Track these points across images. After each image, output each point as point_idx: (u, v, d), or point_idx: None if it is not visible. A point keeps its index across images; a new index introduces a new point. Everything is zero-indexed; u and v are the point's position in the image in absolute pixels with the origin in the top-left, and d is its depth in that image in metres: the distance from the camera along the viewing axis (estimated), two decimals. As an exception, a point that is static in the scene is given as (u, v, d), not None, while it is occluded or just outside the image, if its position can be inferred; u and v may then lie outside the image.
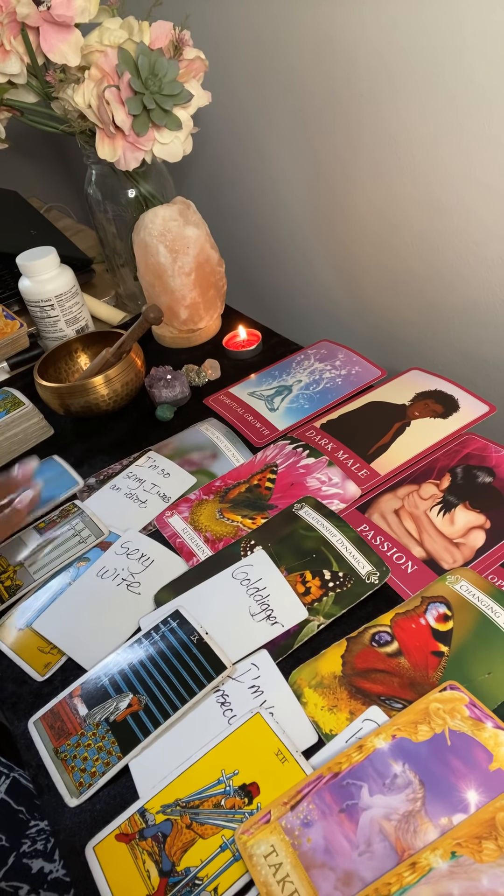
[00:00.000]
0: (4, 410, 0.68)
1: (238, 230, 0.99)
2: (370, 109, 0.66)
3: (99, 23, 0.65)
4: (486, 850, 0.34)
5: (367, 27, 0.61)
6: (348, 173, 0.74)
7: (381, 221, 0.73)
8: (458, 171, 0.61)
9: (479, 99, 0.56)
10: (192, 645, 0.46)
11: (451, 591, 0.47)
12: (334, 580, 0.49)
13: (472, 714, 0.39)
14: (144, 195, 0.79)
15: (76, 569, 0.55)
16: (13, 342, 0.80)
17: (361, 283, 0.83)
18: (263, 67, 0.76)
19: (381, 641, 0.45)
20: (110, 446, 0.69)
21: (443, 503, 0.54)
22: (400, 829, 0.35)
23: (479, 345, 0.71)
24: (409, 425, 0.63)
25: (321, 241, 0.85)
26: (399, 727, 0.39)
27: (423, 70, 0.59)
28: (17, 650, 0.50)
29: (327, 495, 0.57)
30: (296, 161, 0.80)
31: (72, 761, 0.42)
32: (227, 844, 0.37)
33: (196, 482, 0.61)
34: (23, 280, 0.76)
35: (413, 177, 0.66)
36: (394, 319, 0.81)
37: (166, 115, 0.66)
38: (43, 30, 0.64)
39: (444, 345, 0.76)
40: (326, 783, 0.38)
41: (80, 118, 0.69)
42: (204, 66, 0.69)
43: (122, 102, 0.64)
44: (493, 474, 0.56)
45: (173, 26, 0.65)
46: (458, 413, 0.63)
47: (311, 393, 0.70)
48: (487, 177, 0.59)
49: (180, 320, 0.78)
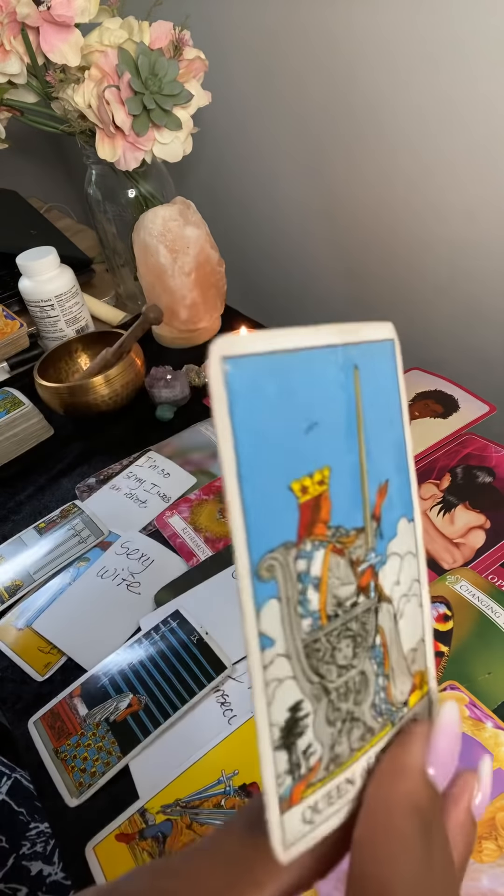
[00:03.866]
0: (4, 410, 0.68)
1: (238, 230, 0.98)
2: (370, 110, 0.66)
3: (99, 23, 0.65)
4: (486, 850, 0.34)
5: (368, 28, 0.61)
6: (348, 173, 0.74)
7: (381, 221, 0.73)
8: (456, 172, 0.61)
9: (478, 100, 0.56)
10: (192, 645, 0.46)
11: (451, 591, 0.47)
12: (334, 580, 0.49)
13: (472, 714, 0.39)
14: (144, 195, 0.79)
15: (76, 569, 0.55)
16: (13, 342, 0.80)
17: (361, 282, 0.83)
18: (263, 67, 0.76)
19: (381, 641, 0.45)
20: (110, 446, 0.69)
21: (443, 503, 0.54)
22: (400, 829, 0.35)
23: (479, 345, 0.71)
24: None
25: (321, 241, 0.85)
26: (399, 727, 0.39)
27: (421, 70, 0.59)
28: (17, 650, 0.50)
29: (327, 495, 0.57)
30: (296, 161, 0.80)
31: (72, 761, 0.42)
32: (227, 844, 0.37)
33: (196, 482, 0.61)
34: (23, 280, 0.76)
35: (412, 177, 0.66)
36: (394, 319, 0.81)
37: (166, 115, 0.66)
38: (43, 30, 0.64)
39: (444, 345, 0.75)
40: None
41: (80, 118, 0.69)
42: (204, 66, 0.69)
43: (122, 102, 0.64)
44: (493, 474, 0.56)
45: (173, 26, 0.65)
46: (458, 413, 0.63)
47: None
48: (486, 177, 0.59)
49: (180, 320, 0.78)
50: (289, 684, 0.17)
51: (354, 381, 0.18)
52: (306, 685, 0.18)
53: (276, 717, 0.17)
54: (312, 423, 0.17)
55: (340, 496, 0.18)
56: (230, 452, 0.16)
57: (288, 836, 0.17)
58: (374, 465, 0.19)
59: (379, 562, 0.20)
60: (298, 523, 0.17)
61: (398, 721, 0.21)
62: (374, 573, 0.20)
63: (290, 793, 0.17)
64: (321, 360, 0.18)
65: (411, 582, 0.21)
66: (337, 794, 0.19)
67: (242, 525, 0.16)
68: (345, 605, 0.19)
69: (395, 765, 0.19)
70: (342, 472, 0.18)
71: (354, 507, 0.19)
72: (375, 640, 0.20)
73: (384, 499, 0.20)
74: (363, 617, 0.19)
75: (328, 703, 0.18)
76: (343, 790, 0.19)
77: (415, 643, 0.21)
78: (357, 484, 0.19)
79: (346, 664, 0.19)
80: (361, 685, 0.19)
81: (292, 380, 0.17)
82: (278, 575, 0.17)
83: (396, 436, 0.20)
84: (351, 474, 0.18)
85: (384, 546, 0.20)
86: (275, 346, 0.17)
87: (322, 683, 0.18)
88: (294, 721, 0.17)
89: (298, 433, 0.17)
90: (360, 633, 0.19)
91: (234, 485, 0.16)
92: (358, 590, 0.19)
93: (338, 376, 0.18)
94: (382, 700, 0.20)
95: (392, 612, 0.20)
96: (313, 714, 0.18)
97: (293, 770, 0.17)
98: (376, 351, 0.20)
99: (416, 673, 0.21)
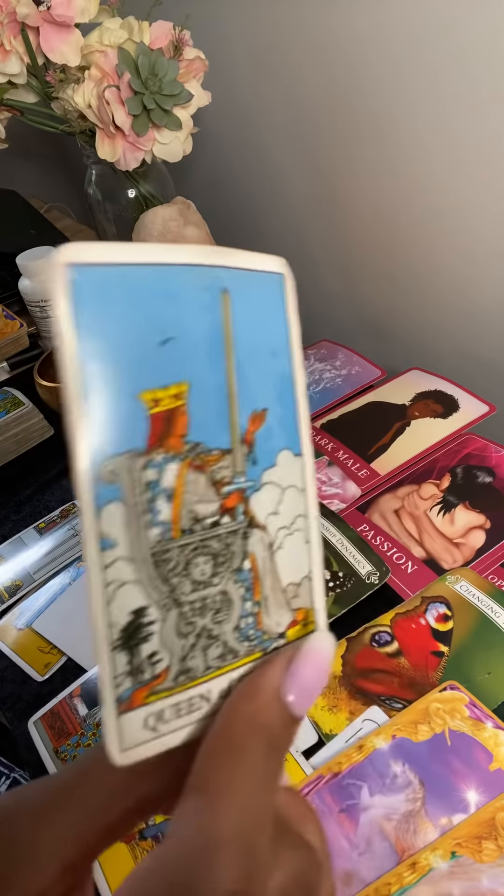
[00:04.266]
0: (4, 410, 0.68)
1: (238, 230, 0.98)
2: (370, 110, 0.66)
3: (99, 23, 0.65)
4: (486, 850, 0.34)
5: (369, 27, 0.61)
6: (348, 173, 0.74)
7: (380, 221, 0.73)
8: (455, 173, 0.61)
9: (475, 100, 0.56)
10: (192, 645, 0.46)
11: (451, 591, 0.47)
12: (334, 580, 0.49)
13: (472, 714, 0.39)
14: (144, 195, 0.79)
15: (76, 569, 0.55)
16: (13, 342, 0.80)
17: (361, 282, 0.83)
18: (263, 67, 0.76)
19: (381, 641, 0.45)
20: (110, 446, 0.69)
21: (443, 503, 0.54)
22: (400, 829, 0.35)
23: (479, 345, 0.71)
24: (409, 425, 0.63)
25: (321, 241, 0.85)
26: (399, 727, 0.39)
27: (420, 70, 0.59)
28: (17, 650, 0.50)
29: (327, 495, 0.57)
30: (295, 161, 0.80)
31: (72, 761, 0.42)
32: (227, 844, 0.37)
33: (196, 482, 0.61)
34: (23, 280, 0.76)
35: (411, 177, 0.66)
36: (394, 319, 0.81)
37: (166, 115, 0.66)
38: (43, 30, 0.64)
39: (444, 345, 0.75)
40: (326, 783, 0.38)
41: (80, 118, 0.69)
42: (204, 66, 0.69)
43: (122, 102, 0.64)
44: (493, 474, 0.56)
45: (173, 26, 0.65)
46: (458, 413, 0.63)
47: (311, 393, 0.70)
48: (485, 177, 0.59)
49: (180, 320, 0.78)
50: (132, 588, 0.17)
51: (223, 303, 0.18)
52: (153, 593, 0.18)
53: (115, 617, 0.17)
54: (168, 338, 0.17)
55: (201, 413, 0.18)
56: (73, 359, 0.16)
57: (126, 740, 0.17)
58: (248, 391, 0.19)
59: (250, 487, 0.19)
60: (149, 433, 0.17)
61: (271, 650, 0.20)
62: (244, 498, 0.19)
63: (129, 695, 0.17)
64: (179, 277, 0.17)
65: (295, 517, 0.21)
66: (188, 708, 0.19)
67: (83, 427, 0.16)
68: (203, 522, 0.19)
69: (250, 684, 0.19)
70: (204, 390, 0.18)
71: (219, 428, 0.19)
72: (243, 565, 0.20)
73: (259, 426, 0.19)
74: (227, 538, 0.19)
75: (179, 614, 0.18)
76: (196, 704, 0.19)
77: (298, 579, 0.21)
78: (223, 405, 0.18)
79: (202, 580, 0.19)
80: (223, 605, 0.19)
81: (144, 293, 0.17)
82: (123, 479, 0.17)
83: (281, 368, 0.20)
84: (216, 394, 0.18)
85: (257, 473, 0.20)
86: (126, 258, 0.17)
87: (173, 595, 0.18)
88: (137, 625, 0.17)
89: (150, 346, 0.17)
90: (223, 553, 0.19)
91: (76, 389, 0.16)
92: (221, 510, 0.19)
93: (200, 296, 0.18)
94: (250, 625, 0.20)
95: (267, 541, 0.20)
96: (161, 622, 0.18)
97: (134, 673, 0.17)
98: (258, 280, 0.19)
99: (298, 609, 0.21)
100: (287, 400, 0.20)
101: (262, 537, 0.20)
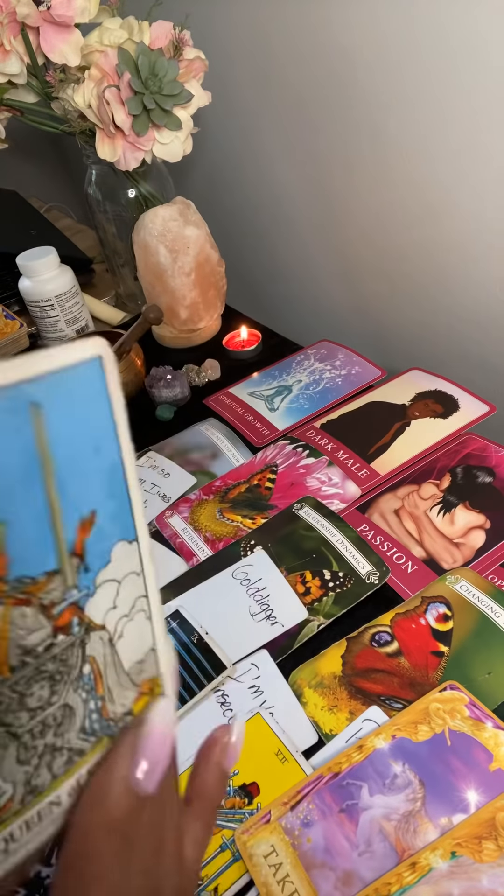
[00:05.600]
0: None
1: (238, 230, 0.99)
2: (370, 109, 0.66)
3: (99, 23, 0.65)
4: (486, 850, 0.34)
5: (367, 30, 0.61)
6: (348, 173, 0.74)
7: (380, 222, 0.73)
8: (454, 173, 0.61)
9: (472, 105, 0.56)
10: (192, 645, 0.46)
11: (451, 591, 0.47)
12: (334, 580, 0.49)
13: (472, 714, 0.39)
14: (144, 195, 0.79)
15: None
16: (13, 342, 0.80)
17: (361, 282, 0.83)
18: (263, 67, 0.76)
19: (381, 641, 0.45)
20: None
21: (443, 503, 0.54)
22: (400, 829, 0.36)
23: (478, 345, 0.71)
24: (409, 425, 0.63)
25: (321, 241, 0.85)
26: (399, 727, 0.39)
27: (419, 73, 0.59)
28: None
29: (327, 495, 0.57)
30: (295, 161, 0.80)
31: None
32: (227, 844, 0.37)
33: (196, 482, 0.61)
34: (23, 280, 0.76)
35: (412, 178, 0.66)
36: (394, 319, 0.81)
37: (166, 115, 0.66)
38: (43, 30, 0.64)
39: (444, 345, 0.76)
40: (326, 783, 0.38)
41: (80, 118, 0.69)
42: (204, 66, 0.69)
43: (122, 102, 0.64)
44: (493, 474, 0.56)
45: (173, 26, 0.65)
46: (458, 413, 0.63)
47: (311, 393, 0.70)
48: (481, 181, 0.59)
49: (180, 320, 0.78)
50: None
51: (34, 421, 0.16)
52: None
53: None
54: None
55: (21, 548, 0.17)
56: None
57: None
58: (72, 502, 0.18)
59: (84, 595, 0.19)
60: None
61: (118, 731, 0.21)
62: (79, 608, 0.19)
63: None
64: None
65: (134, 600, 0.21)
66: (37, 820, 0.19)
67: None
68: (35, 651, 0.18)
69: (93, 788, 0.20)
70: (23, 523, 0.17)
71: (44, 552, 0.18)
72: (83, 670, 0.20)
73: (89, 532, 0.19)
74: (64, 654, 0.19)
75: (18, 745, 0.18)
76: (45, 813, 0.19)
77: (142, 655, 0.21)
78: (45, 528, 0.17)
79: (40, 705, 0.19)
80: (65, 717, 0.19)
81: None
82: None
83: (108, 461, 0.19)
84: (36, 522, 0.17)
85: (90, 578, 0.19)
86: None
87: (9, 731, 0.18)
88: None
89: None
90: (60, 671, 0.19)
91: None
92: (54, 631, 0.19)
93: (7, 421, 0.16)
94: (95, 720, 0.20)
95: (107, 638, 0.20)
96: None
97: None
98: (73, 377, 0.17)
99: (144, 681, 0.21)
100: (117, 490, 0.19)
101: (102, 636, 0.20)
